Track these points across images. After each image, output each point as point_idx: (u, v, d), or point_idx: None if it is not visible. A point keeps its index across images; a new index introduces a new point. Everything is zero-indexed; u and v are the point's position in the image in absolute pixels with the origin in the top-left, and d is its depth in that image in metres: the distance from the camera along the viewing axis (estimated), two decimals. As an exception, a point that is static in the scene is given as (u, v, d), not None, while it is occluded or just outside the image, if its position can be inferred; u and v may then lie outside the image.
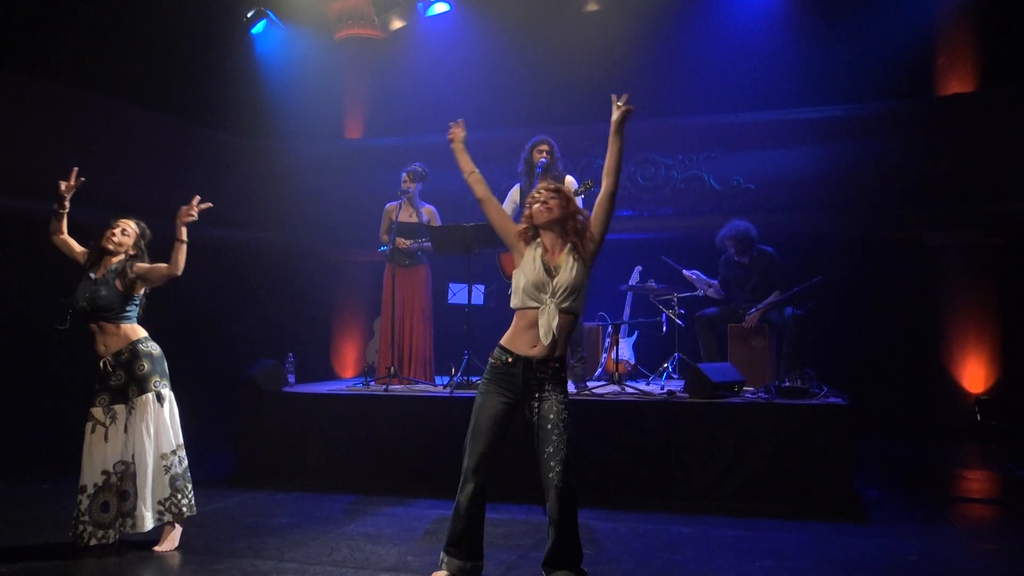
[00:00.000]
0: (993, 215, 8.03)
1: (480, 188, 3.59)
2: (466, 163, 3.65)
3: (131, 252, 4.36)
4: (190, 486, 4.33)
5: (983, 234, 8.25)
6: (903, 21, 8.45)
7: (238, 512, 5.12)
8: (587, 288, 3.50)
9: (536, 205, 3.48)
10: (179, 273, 4.32)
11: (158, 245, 4.51)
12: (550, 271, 3.40)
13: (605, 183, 3.52)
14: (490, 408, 3.40)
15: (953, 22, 8.52)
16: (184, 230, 4.31)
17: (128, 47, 8.50)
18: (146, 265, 4.35)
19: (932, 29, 8.60)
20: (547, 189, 3.52)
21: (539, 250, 3.45)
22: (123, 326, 4.29)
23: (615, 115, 3.55)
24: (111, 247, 4.32)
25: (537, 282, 3.37)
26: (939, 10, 8.57)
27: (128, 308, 4.31)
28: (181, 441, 4.35)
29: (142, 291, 4.37)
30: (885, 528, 4.74)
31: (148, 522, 4.15)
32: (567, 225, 3.47)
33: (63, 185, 4.32)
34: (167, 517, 4.21)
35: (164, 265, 4.31)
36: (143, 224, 4.47)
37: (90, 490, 4.16)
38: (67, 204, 4.35)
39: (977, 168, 7.93)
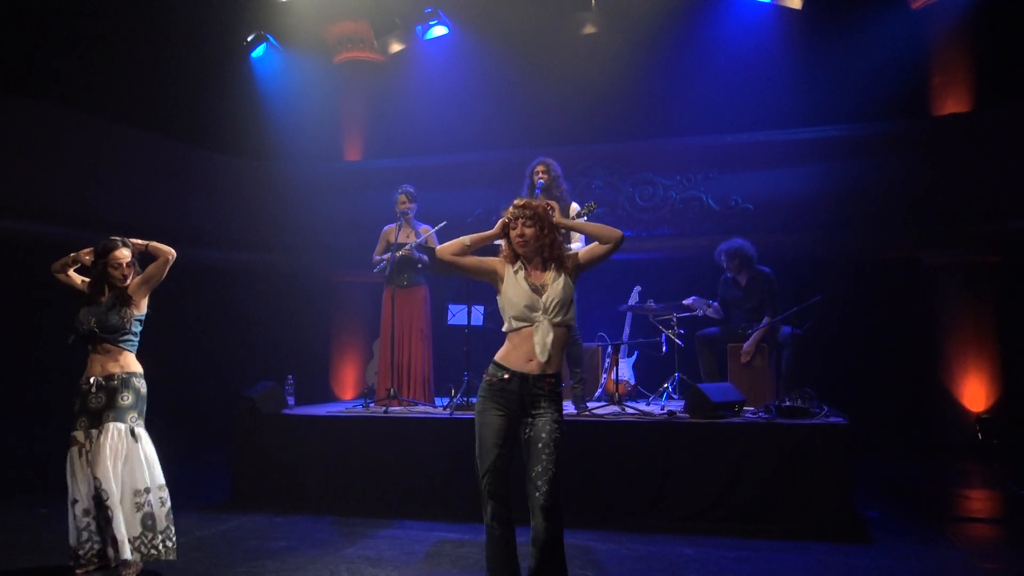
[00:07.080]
0: (990, 234, 8.05)
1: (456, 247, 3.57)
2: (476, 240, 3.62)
3: (136, 270, 4.37)
4: (173, 528, 4.22)
5: (980, 253, 8.27)
6: (899, 42, 8.51)
7: (236, 536, 5.10)
8: (576, 301, 3.51)
9: (514, 238, 3.49)
10: (172, 255, 4.33)
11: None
12: (537, 290, 3.42)
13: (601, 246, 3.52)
14: (492, 424, 3.37)
15: (949, 43, 8.58)
16: (142, 242, 4.39)
17: (128, 70, 8.55)
18: (139, 279, 4.34)
19: (928, 49, 8.66)
20: (521, 217, 3.48)
21: (521, 272, 3.47)
22: (125, 353, 4.28)
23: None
24: (120, 284, 4.29)
25: (527, 303, 3.39)
26: (935, 31, 8.64)
27: (134, 330, 4.30)
28: (162, 481, 4.23)
29: (144, 309, 4.35)
30: (886, 548, 4.71)
31: (127, 551, 3.99)
32: (544, 251, 3.49)
33: (86, 255, 4.41)
34: (136, 556, 4.06)
35: (152, 265, 4.32)
36: (127, 240, 4.40)
37: (90, 507, 4.05)
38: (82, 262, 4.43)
39: (973, 187, 7.97)
